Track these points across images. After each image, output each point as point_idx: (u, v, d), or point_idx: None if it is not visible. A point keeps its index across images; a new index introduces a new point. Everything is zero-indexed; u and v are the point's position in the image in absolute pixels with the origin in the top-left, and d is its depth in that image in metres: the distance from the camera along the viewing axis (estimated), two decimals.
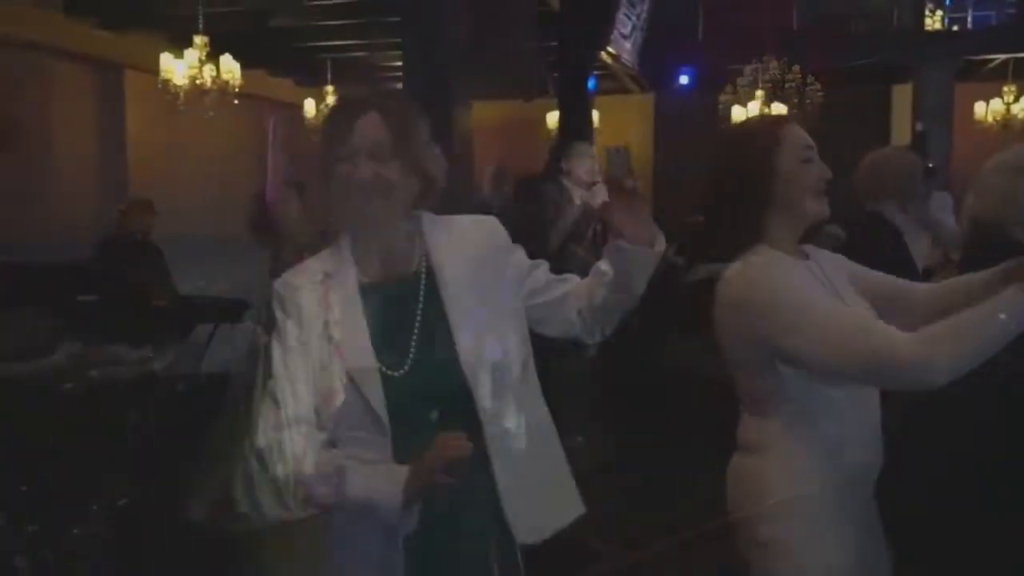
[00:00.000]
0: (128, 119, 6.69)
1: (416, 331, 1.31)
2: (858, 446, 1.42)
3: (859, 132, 7.91)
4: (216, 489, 3.54)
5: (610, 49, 5.66)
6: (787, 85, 7.18)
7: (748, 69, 7.20)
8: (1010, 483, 1.56)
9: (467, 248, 1.38)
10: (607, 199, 1.63)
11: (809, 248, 1.53)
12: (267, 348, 4.15)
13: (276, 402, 1.42)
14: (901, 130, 8.72)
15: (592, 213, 4.06)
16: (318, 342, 1.36)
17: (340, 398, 1.33)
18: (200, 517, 3.46)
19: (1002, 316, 1.22)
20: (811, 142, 1.47)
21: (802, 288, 1.37)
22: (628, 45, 5.89)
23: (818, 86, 7.57)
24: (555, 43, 5.59)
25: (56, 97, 6.21)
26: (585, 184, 3.78)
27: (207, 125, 5.99)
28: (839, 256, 1.58)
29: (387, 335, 1.31)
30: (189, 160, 6.79)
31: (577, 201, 3.68)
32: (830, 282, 1.47)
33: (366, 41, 6.79)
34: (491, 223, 1.45)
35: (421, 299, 1.33)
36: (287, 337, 1.42)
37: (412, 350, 1.30)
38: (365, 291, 1.35)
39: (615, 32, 5.50)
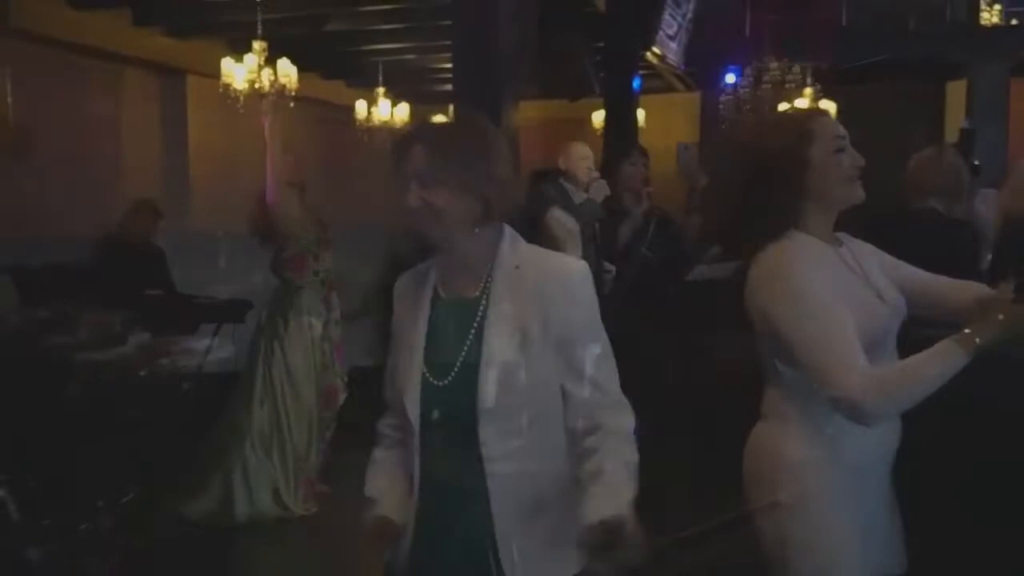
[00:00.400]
0: (190, 121, 6.99)
1: (465, 349, 1.38)
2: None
3: (913, 129, 7.80)
4: (216, 487, 3.64)
5: (655, 49, 5.73)
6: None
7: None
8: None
9: (528, 282, 1.38)
10: (608, 194, 1.66)
11: (843, 236, 1.61)
12: (266, 349, 4.16)
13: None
14: (955, 127, 8.55)
15: (653, 213, 4.11)
16: (395, 343, 1.48)
17: (392, 397, 1.46)
18: (199, 515, 3.58)
19: (936, 369, 1.37)
20: (843, 132, 1.56)
21: (815, 288, 1.45)
22: (673, 45, 5.95)
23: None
24: (601, 44, 5.68)
25: (125, 101, 6.53)
26: (583, 184, 3.78)
27: (260, 125, 6.22)
28: (871, 246, 1.65)
29: (442, 348, 1.41)
30: (245, 160, 7.05)
31: (577, 200, 3.70)
32: (861, 269, 1.55)
33: (417, 44, 6.96)
34: (567, 268, 1.42)
35: (478, 319, 1.39)
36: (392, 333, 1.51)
37: (457, 366, 1.38)
38: (435, 305, 1.44)
39: (660, 33, 5.56)
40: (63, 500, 3.02)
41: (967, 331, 1.35)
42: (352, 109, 7.56)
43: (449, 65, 7.35)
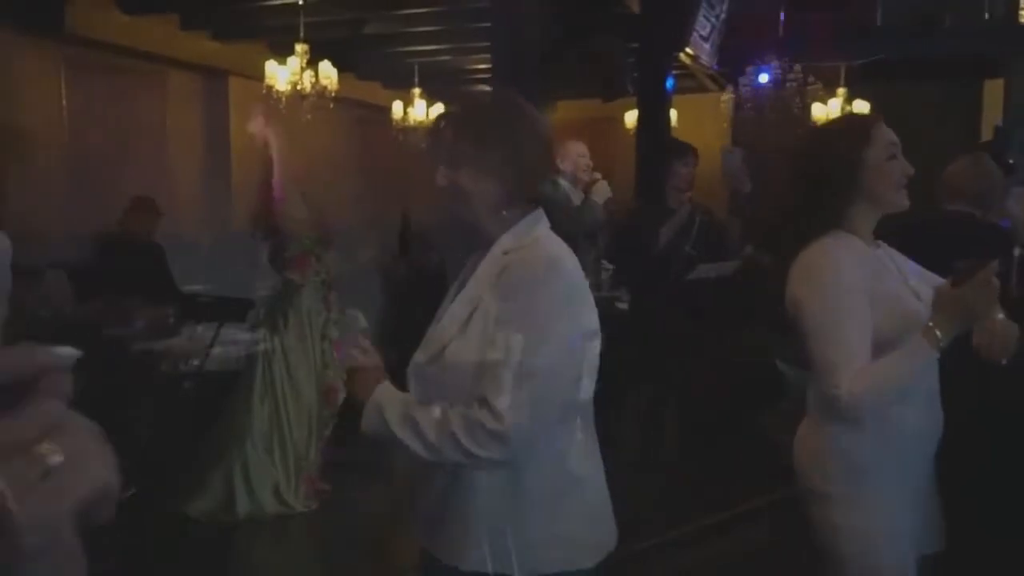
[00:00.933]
0: (231, 122, 7.17)
1: None
2: (913, 414, 1.56)
3: (949, 128, 7.73)
4: (217, 485, 3.62)
5: (688, 50, 5.78)
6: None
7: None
8: None
9: (499, 271, 1.37)
10: (609, 195, 1.61)
11: (880, 242, 1.68)
12: (266, 348, 4.11)
13: None
14: (992, 126, 8.45)
15: (699, 212, 4.13)
16: None
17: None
18: (200, 513, 3.54)
19: (906, 367, 1.46)
20: (896, 140, 1.65)
21: (846, 288, 1.53)
22: (707, 46, 5.99)
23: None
24: (635, 45, 5.74)
25: (170, 102, 6.75)
26: (582, 183, 3.76)
27: (300, 125, 6.37)
28: (901, 255, 1.72)
29: None
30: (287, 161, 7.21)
31: (576, 201, 3.69)
32: (899, 271, 1.62)
33: (453, 46, 7.08)
34: (534, 265, 1.36)
35: None
36: None
37: None
38: (459, 285, 1.47)
39: (694, 34, 5.61)
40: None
41: (928, 325, 1.43)
42: (388, 109, 7.71)
43: (483, 65, 7.49)
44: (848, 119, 1.80)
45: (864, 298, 1.51)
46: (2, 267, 1.82)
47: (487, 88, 7.95)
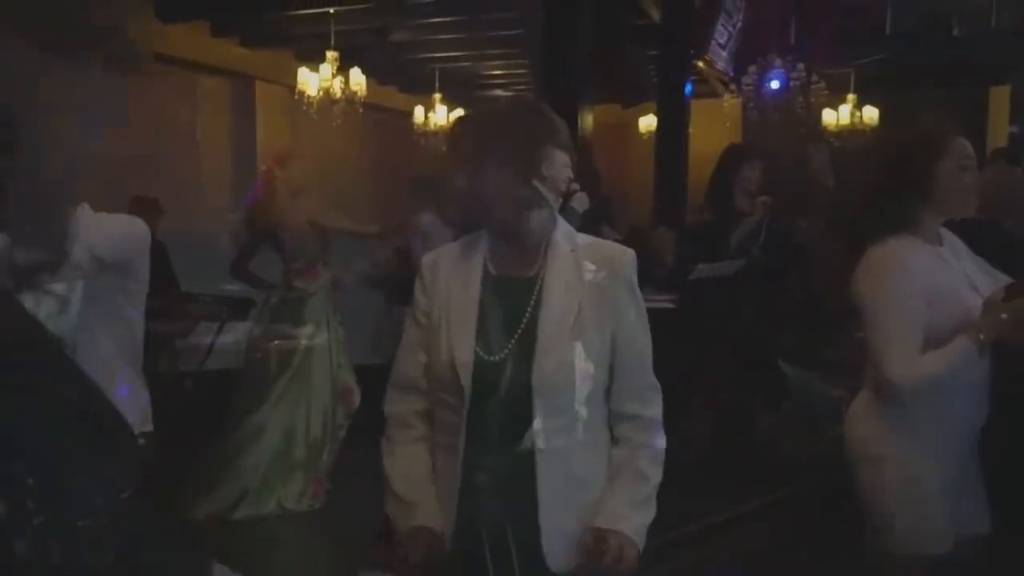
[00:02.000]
0: (258, 125, 7.33)
1: (521, 328, 1.40)
2: (960, 399, 1.70)
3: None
4: (226, 485, 3.59)
5: (707, 57, 5.95)
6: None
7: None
8: None
9: (584, 268, 1.43)
10: (587, 207, 1.71)
11: (944, 232, 1.81)
12: (279, 351, 3.98)
13: (397, 368, 1.52)
14: (998, 133, 8.61)
15: (767, 214, 4.19)
16: (434, 318, 1.46)
17: (436, 371, 1.44)
18: (205, 512, 3.48)
19: (954, 362, 1.62)
20: (972, 153, 1.76)
21: (906, 290, 1.68)
22: (724, 53, 6.16)
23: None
24: (654, 52, 5.92)
25: (200, 106, 6.91)
26: (560, 191, 3.77)
27: (323, 129, 6.52)
28: (965, 249, 1.85)
29: (495, 324, 1.42)
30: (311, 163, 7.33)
31: (556, 206, 3.71)
32: (960, 266, 1.78)
33: (473, 52, 7.23)
34: (620, 255, 1.46)
35: (533, 300, 1.42)
36: (416, 310, 1.49)
37: (511, 343, 1.39)
38: (487, 282, 1.45)
39: (713, 42, 5.78)
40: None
41: (975, 329, 1.61)
42: (406, 113, 7.86)
43: (500, 72, 7.63)
44: (928, 132, 1.93)
45: (921, 299, 1.67)
46: (143, 255, 1.89)
47: (506, 93, 8.11)
